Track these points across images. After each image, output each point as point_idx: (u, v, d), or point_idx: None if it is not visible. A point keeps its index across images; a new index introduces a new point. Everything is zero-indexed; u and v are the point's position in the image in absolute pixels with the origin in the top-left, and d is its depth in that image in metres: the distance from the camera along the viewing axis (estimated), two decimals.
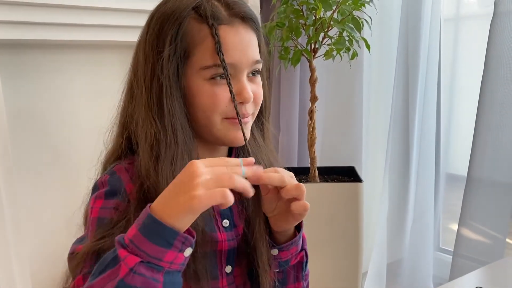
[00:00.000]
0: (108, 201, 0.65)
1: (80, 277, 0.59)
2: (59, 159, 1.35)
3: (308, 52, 1.51)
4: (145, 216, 0.53)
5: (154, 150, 0.65)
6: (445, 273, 1.68)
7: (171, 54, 0.65)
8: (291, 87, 1.88)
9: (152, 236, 0.52)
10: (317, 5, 1.42)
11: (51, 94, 1.34)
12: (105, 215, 0.64)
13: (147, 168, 0.65)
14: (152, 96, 0.66)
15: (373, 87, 1.96)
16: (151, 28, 0.68)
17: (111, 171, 0.69)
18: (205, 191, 0.52)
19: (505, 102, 1.41)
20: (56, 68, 1.34)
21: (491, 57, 1.41)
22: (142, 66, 0.68)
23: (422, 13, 1.69)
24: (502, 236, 1.45)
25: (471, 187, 1.49)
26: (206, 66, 0.66)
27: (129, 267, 0.50)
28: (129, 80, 0.72)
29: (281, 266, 0.74)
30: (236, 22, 0.68)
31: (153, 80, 0.66)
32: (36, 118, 1.32)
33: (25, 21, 1.20)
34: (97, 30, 1.34)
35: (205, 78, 0.67)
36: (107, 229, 0.62)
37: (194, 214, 0.53)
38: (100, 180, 0.69)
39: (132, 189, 0.66)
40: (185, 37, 0.66)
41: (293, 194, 0.63)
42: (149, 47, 0.68)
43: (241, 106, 0.69)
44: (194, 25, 0.66)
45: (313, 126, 1.62)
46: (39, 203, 1.30)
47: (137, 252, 0.51)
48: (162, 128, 0.66)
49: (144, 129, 0.66)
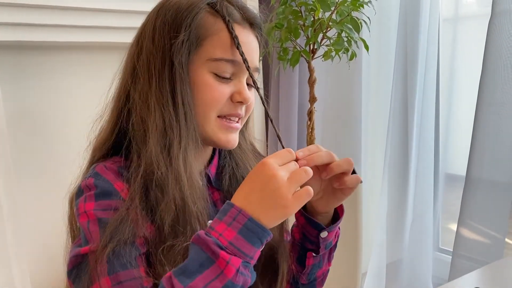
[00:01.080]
0: (102, 202, 0.64)
1: (107, 278, 0.58)
2: (59, 160, 1.35)
3: (306, 53, 1.51)
4: (244, 220, 0.56)
5: (166, 137, 0.65)
6: (444, 274, 1.68)
7: (184, 39, 0.66)
8: (290, 88, 1.88)
9: (253, 239, 0.56)
10: (315, 6, 1.42)
11: (50, 96, 1.34)
12: (105, 216, 0.63)
13: (157, 158, 0.64)
14: (164, 82, 0.66)
15: (372, 87, 1.97)
16: (162, 16, 0.68)
17: (94, 173, 0.68)
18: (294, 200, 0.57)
19: (503, 102, 1.41)
20: (55, 70, 1.34)
21: (489, 57, 1.41)
22: (150, 53, 0.68)
23: (420, 13, 1.69)
24: (501, 236, 1.45)
25: (470, 187, 1.49)
26: (214, 59, 0.67)
27: (236, 268, 0.54)
28: (130, 65, 0.70)
29: (326, 248, 0.76)
30: (247, 25, 0.70)
31: (165, 67, 0.67)
32: (35, 120, 1.32)
33: (23, 23, 1.21)
34: (96, 32, 1.34)
35: (211, 70, 0.68)
36: (113, 228, 0.61)
37: None
38: (84, 184, 0.67)
39: (122, 186, 0.65)
40: (200, 26, 0.67)
41: (345, 168, 0.67)
42: (160, 34, 0.67)
43: (238, 106, 0.70)
44: (209, 17, 0.67)
45: (312, 127, 1.62)
46: (39, 205, 1.29)
47: (237, 253, 0.55)
48: (175, 115, 0.66)
49: (155, 116, 0.65)
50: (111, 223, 0.61)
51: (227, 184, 0.77)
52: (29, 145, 1.31)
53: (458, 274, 1.50)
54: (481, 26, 1.45)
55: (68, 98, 1.37)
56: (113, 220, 0.62)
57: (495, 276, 0.99)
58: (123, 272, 0.59)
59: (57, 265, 0.71)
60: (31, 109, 1.31)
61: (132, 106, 0.69)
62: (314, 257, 0.76)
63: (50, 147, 1.34)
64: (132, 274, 0.59)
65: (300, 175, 0.58)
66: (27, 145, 1.30)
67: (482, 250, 1.49)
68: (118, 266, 0.59)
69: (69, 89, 1.37)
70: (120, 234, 0.60)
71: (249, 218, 0.56)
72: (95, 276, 0.58)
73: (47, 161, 1.33)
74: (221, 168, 0.78)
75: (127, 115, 0.69)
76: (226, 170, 0.78)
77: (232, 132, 0.71)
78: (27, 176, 1.29)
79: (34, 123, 1.32)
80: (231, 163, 0.78)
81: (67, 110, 1.36)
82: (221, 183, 0.77)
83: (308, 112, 1.62)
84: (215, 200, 0.77)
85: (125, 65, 0.73)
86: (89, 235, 0.62)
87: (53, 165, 1.34)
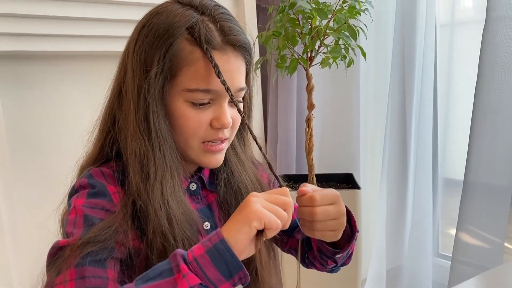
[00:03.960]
0: (93, 200, 0.65)
1: (73, 270, 0.58)
2: (56, 168, 1.35)
3: (304, 60, 1.52)
4: (216, 240, 0.55)
5: (143, 168, 0.65)
6: (444, 279, 1.67)
7: (158, 73, 0.65)
8: (288, 95, 1.89)
9: (219, 262, 0.54)
10: (313, 14, 1.43)
11: (49, 104, 1.34)
12: (93, 214, 0.63)
13: (138, 187, 0.65)
14: (140, 112, 0.66)
15: (370, 94, 1.97)
16: (141, 40, 0.67)
17: (88, 174, 0.68)
18: (269, 232, 0.57)
19: (499, 107, 1.41)
20: (54, 79, 1.35)
21: (484, 63, 1.42)
22: (130, 80, 0.67)
23: (417, 19, 1.70)
24: (501, 241, 1.45)
25: (468, 191, 1.49)
26: (190, 89, 0.66)
27: (189, 285, 0.52)
28: (117, 87, 0.70)
29: (345, 257, 0.77)
30: (228, 49, 0.67)
31: (140, 97, 0.66)
32: (33, 128, 1.33)
33: (22, 33, 1.21)
34: (94, 41, 1.34)
35: (187, 100, 0.67)
36: (98, 228, 0.61)
37: None
38: (77, 183, 0.68)
39: (114, 190, 0.66)
40: (175, 57, 0.65)
41: None
42: (136, 62, 0.67)
43: (219, 131, 0.69)
44: (185, 46, 0.65)
45: (310, 134, 1.62)
46: (37, 211, 1.29)
47: (198, 273, 0.53)
48: (150, 147, 0.66)
49: (133, 146, 0.66)
50: (97, 224, 0.62)
51: (222, 190, 0.77)
52: (27, 152, 1.31)
53: (458, 279, 1.49)
54: (478, 32, 1.46)
55: (66, 106, 1.37)
56: (100, 223, 0.62)
57: (495, 281, 0.99)
58: (90, 268, 0.58)
59: None
60: (29, 117, 1.32)
61: (117, 132, 0.69)
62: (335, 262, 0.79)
63: (48, 155, 1.35)
64: (98, 273, 0.59)
65: (276, 212, 0.58)
66: (25, 152, 1.30)
67: (482, 255, 1.49)
68: (88, 262, 0.58)
69: (67, 98, 1.37)
70: (101, 236, 0.60)
71: (221, 239, 0.55)
72: (63, 267, 0.58)
73: (45, 167, 1.34)
74: (216, 171, 0.78)
75: (113, 141, 0.70)
76: (221, 175, 0.77)
77: (215, 154, 0.71)
78: (25, 182, 1.29)
79: (32, 131, 1.32)
80: (226, 170, 0.78)
81: (65, 118, 1.37)
82: (217, 187, 0.77)
83: (306, 119, 1.63)
84: (210, 202, 0.77)
85: (113, 82, 0.72)
86: (72, 228, 0.62)
87: (51, 172, 1.34)
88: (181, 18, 0.66)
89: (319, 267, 0.82)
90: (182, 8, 0.67)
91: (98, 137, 0.73)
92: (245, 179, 0.78)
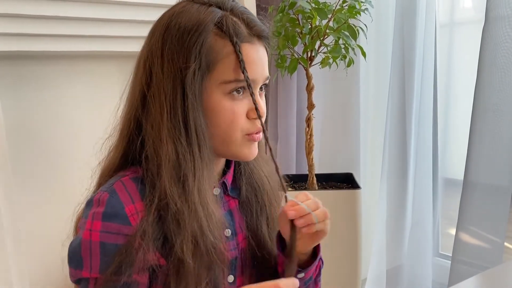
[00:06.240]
0: (108, 225, 0.63)
1: None
2: (57, 169, 1.35)
3: (304, 60, 1.52)
4: None
5: (179, 170, 0.65)
6: (444, 279, 1.68)
7: (196, 69, 0.65)
8: (288, 95, 1.89)
9: None
10: (312, 14, 1.43)
11: (49, 105, 1.34)
12: (109, 241, 0.63)
13: (171, 192, 0.64)
14: (176, 113, 0.65)
15: (370, 94, 1.98)
16: (169, 42, 0.66)
17: (111, 189, 0.66)
18: None
19: (498, 107, 1.41)
20: (55, 79, 1.35)
21: (484, 62, 1.42)
22: (160, 83, 0.66)
23: (416, 19, 1.71)
24: (500, 240, 1.45)
25: (468, 191, 1.49)
26: (228, 81, 0.67)
27: None
28: (139, 92, 0.69)
29: (305, 284, 0.77)
30: (255, 40, 0.69)
31: (177, 97, 0.65)
32: (35, 130, 1.33)
33: (23, 33, 1.21)
34: (96, 41, 1.34)
35: (224, 92, 0.67)
36: (117, 258, 0.62)
37: None
38: (97, 197, 0.66)
39: (133, 210, 0.65)
40: (210, 52, 0.66)
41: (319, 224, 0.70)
42: (169, 63, 0.66)
43: (255, 121, 0.70)
44: (218, 41, 0.66)
45: (310, 133, 1.62)
46: (38, 213, 1.30)
47: None
48: (188, 148, 0.65)
49: (166, 149, 0.65)
50: (116, 252, 0.62)
51: (244, 190, 0.78)
52: (28, 154, 1.31)
53: (457, 279, 1.50)
54: (477, 31, 1.46)
55: (68, 107, 1.37)
56: (118, 250, 0.62)
57: (495, 281, 0.99)
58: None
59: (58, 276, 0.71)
60: (31, 118, 1.32)
61: (145, 136, 0.68)
62: None
63: (49, 156, 1.35)
64: None
65: None
66: (26, 154, 1.30)
67: (481, 254, 1.49)
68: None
69: (69, 98, 1.37)
70: (122, 265, 0.61)
71: None
72: None
73: (46, 169, 1.34)
74: (238, 175, 0.79)
75: (140, 146, 0.69)
76: (242, 177, 0.78)
77: (254, 145, 0.72)
78: (25, 183, 1.29)
79: (34, 133, 1.32)
80: (247, 170, 0.79)
81: (66, 120, 1.37)
82: (238, 191, 0.78)
83: (306, 119, 1.63)
84: (231, 208, 0.77)
85: (133, 87, 0.71)
86: (89, 258, 0.63)
87: (52, 174, 1.34)
88: (206, 15, 0.67)
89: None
90: (202, 6, 0.68)
91: (119, 142, 0.72)
92: (263, 176, 0.79)
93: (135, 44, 0.75)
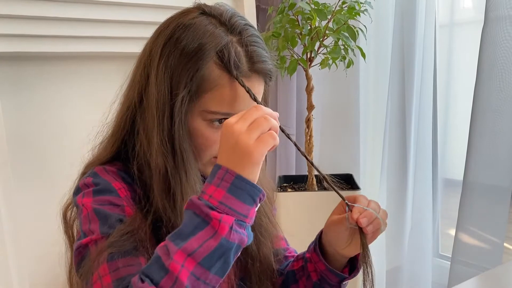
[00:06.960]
0: (99, 198, 0.66)
1: (105, 265, 0.60)
2: (57, 170, 1.35)
3: (304, 61, 1.52)
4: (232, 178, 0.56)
5: (166, 183, 0.66)
6: (444, 279, 1.67)
7: (185, 95, 0.65)
8: (288, 96, 1.89)
9: (243, 196, 0.57)
10: (312, 15, 1.43)
11: (49, 106, 1.34)
12: (102, 208, 0.65)
13: (162, 203, 0.66)
14: (164, 130, 0.66)
15: (370, 94, 1.98)
16: (166, 55, 0.66)
17: (93, 173, 0.69)
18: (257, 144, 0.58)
19: (498, 107, 1.41)
20: (55, 80, 1.35)
21: (483, 62, 1.42)
22: (153, 96, 0.67)
23: (416, 20, 1.71)
24: (500, 241, 1.45)
25: (467, 192, 1.49)
26: (210, 111, 0.66)
27: (229, 226, 0.55)
28: (137, 94, 0.69)
29: None
30: (253, 76, 0.68)
31: (164, 117, 0.66)
32: (34, 130, 1.33)
33: (23, 34, 1.21)
34: (95, 42, 1.34)
35: (205, 119, 0.67)
36: (113, 222, 0.63)
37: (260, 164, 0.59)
38: (82, 182, 0.69)
39: (119, 185, 0.67)
40: (202, 80, 0.65)
41: None
42: (161, 80, 0.66)
43: None
44: (214, 70, 0.65)
45: (310, 134, 1.63)
46: (37, 213, 1.30)
47: (229, 212, 0.56)
48: (173, 162, 0.66)
49: (156, 161, 0.66)
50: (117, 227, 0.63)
51: None
52: (28, 155, 1.31)
53: (457, 280, 1.49)
54: (477, 32, 1.46)
55: (68, 108, 1.37)
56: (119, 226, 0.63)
57: (495, 282, 0.99)
58: (121, 259, 0.60)
59: (57, 275, 0.71)
60: (30, 119, 1.32)
61: (137, 142, 0.69)
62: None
63: (49, 157, 1.35)
64: (130, 261, 0.61)
65: (259, 122, 0.59)
66: (25, 154, 1.30)
67: (481, 255, 1.49)
68: (117, 255, 0.61)
69: (68, 99, 1.37)
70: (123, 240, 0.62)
71: (236, 176, 0.57)
72: (95, 266, 0.60)
73: (45, 169, 1.34)
74: None
75: (130, 146, 0.70)
76: None
77: None
78: (25, 183, 1.29)
79: (33, 133, 1.33)
80: None
81: (65, 120, 1.37)
82: None
83: (306, 120, 1.63)
84: None
85: (130, 88, 0.72)
86: (88, 225, 0.64)
87: (51, 174, 1.34)
88: (210, 39, 0.65)
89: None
90: (210, 25, 0.66)
91: (111, 140, 0.73)
92: None
93: (135, 45, 0.75)
